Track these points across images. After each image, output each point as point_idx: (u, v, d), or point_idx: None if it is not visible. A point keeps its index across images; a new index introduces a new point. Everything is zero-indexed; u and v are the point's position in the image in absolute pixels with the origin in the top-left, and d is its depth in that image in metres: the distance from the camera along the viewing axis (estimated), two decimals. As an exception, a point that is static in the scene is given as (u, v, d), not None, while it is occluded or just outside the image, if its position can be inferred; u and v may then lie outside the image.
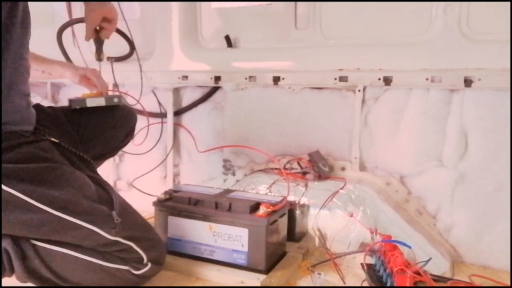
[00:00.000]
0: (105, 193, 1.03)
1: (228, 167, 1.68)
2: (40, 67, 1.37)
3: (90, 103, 1.26)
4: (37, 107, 1.13)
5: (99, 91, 1.34)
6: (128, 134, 1.37)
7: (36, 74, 1.35)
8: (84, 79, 1.38)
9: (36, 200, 0.90)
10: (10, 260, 0.94)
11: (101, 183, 1.05)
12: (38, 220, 0.91)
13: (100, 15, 1.23)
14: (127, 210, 1.03)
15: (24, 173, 0.90)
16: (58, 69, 1.39)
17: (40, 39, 1.23)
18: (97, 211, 0.96)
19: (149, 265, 1.02)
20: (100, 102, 1.28)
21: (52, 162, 0.98)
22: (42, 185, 0.92)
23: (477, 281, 1.13)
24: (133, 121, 1.39)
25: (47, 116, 1.15)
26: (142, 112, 1.70)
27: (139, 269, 1.01)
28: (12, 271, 0.96)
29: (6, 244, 0.93)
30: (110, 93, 1.46)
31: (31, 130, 1.00)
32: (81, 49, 1.65)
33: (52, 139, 1.05)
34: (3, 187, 0.87)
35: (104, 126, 1.27)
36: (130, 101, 1.70)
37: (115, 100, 1.31)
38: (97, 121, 1.26)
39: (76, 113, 1.24)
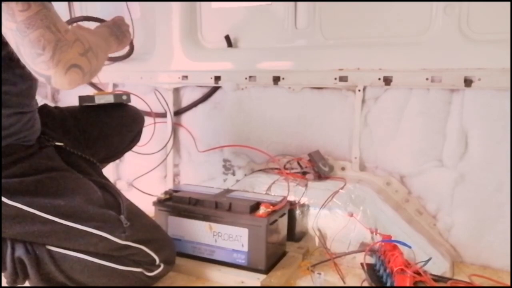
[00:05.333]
0: (112, 197, 1.01)
1: (228, 167, 1.67)
2: None
3: (99, 100, 1.27)
4: (44, 108, 1.12)
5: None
6: (135, 137, 1.35)
7: None
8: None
9: (42, 211, 0.89)
10: (25, 268, 0.93)
11: (106, 187, 1.04)
12: (47, 230, 0.90)
13: None
14: (135, 213, 1.02)
15: (28, 186, 0.89)
16: None
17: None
18: (105, 217, 0.95)
19: (162, 266, 1.02)
20: (109, 99, 1.28)
21: (57, 170, 0.97)
22: (47, 196, 0.91)
23: (477, 281, 1.13)
24: (140, 124, 1.37)
25: (53, 118, 1.14)
26: (149, 114, 1.70)
27: (152, 271, 1.01)
28: (25, 278, 0.95)
29: (20, 253, 0.92)
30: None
31: (35, 139, 0.99)
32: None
33: (57, 143, 1.04)
34: (8, 201, 0.87)
35: (111, 129, 1.26)
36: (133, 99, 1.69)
37: (124, 97, 1.31)
38: (104, 123, 1.25)
39: (83, 114, 1.22)
